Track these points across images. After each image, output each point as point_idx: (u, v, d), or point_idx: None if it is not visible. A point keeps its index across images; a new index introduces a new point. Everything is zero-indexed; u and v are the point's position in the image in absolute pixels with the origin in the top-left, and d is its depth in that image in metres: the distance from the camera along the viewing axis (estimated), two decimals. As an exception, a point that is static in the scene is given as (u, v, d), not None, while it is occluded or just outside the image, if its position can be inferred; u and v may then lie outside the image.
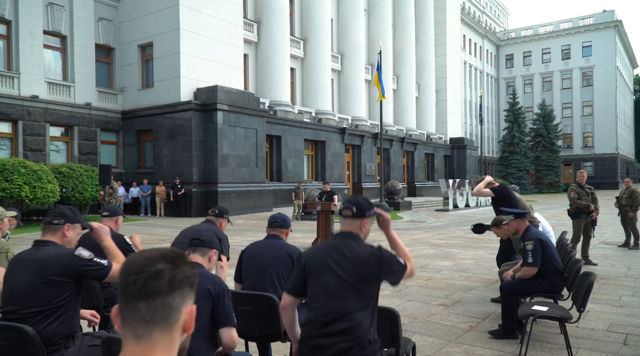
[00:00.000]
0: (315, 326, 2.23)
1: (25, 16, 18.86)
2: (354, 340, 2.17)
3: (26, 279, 2.50)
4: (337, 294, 2.23)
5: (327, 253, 2.32)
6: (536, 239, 4.51)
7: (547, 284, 4.52)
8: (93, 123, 20.88)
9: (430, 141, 38.28)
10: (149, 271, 1.02)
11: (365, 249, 2.31)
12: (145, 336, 1.00)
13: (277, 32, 24.69)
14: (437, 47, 40.89)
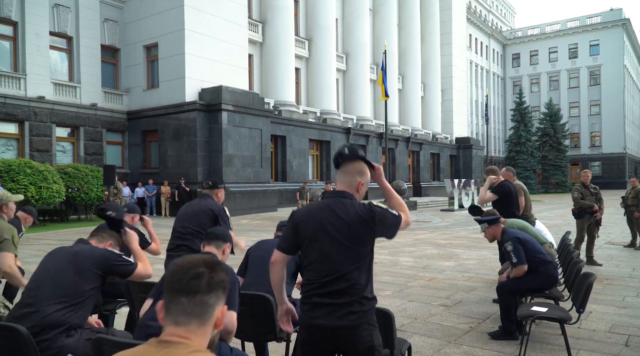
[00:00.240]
0: (313, 287, 2.22)
1: (31, 17, 18.99)
2: (353, 297, 2.18)
3: (60, 264, 2.71)
4: (333, 257, 2.21)
5: (320, 215, 2.27)
6: (513, 238, 4.52)
7: (539, 279, 4.51)
8: (99, 124, 20.99)
9: (436, 141, 38.16)
10: (192, 272, 1.25)
11: (358, 208, 2.27)
12: (183, 323, 1.22)
13: (281, 32, 24.71)
14: (442, 47, 40.75)
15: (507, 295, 4.58)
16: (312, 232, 2.27)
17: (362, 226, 2.23)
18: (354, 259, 2.22)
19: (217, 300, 1.27)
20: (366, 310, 2.20)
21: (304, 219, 2.31)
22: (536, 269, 4.47)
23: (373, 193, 29.11)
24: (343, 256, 2.21)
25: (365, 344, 2.19)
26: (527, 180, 46.70)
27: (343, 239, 2.22)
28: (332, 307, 2.17)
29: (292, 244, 2.35)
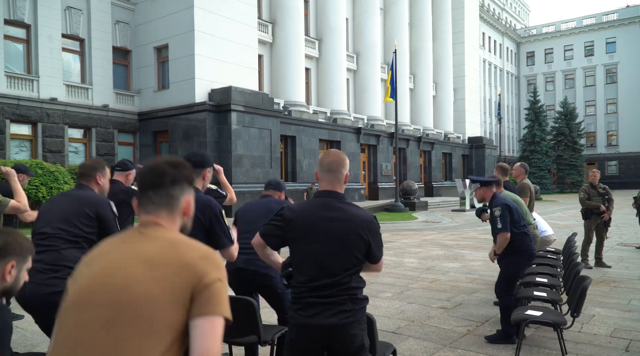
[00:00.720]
0: (305, 289, 2.23)
1: (44, 20, 19.25)
2: (344, 296, 2.19)
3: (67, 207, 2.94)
4: (324, 261, 2.21)
5: (313, 216, 2.26)
6: (503, 204, 4.50)
7: (519, 258, 4.52)
8: (110, 125, 21.21)
9: (448, 141, 37.87)
10: (156, 171, 1.44)
11: (359, 210, 2.32)
12: (153, 211, 1.42)
13: (291, 33, 24.71)
14: (454, 46, 40.43)
15: (504, 293, 4.53)
16: (301, 232, 2.26)
17: (359, 238, 2.23)
18: (347, 265, 2.21)
19: (182, 191, 1.46)
20: (357, 309, 2.22)
21: (295, 220, 2.29)
22: (513, 241, 4.48)
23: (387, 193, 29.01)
24: (335, 260, 2.21)
25: (357, 343, 2.20)
26: (542, 180, 46.14)
27: (338, 245, 2.22)
28: (324, 306, 2.18)
29: (276, 240, 2.35)
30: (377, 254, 2.30)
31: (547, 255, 7.09)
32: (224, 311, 1.26)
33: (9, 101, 18.10)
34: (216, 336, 1.23)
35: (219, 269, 1.31)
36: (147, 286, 1.25)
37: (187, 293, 1.25)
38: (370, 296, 6.25)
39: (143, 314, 1.23)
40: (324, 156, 2.38)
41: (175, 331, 1.24)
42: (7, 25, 18.45)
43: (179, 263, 1.28)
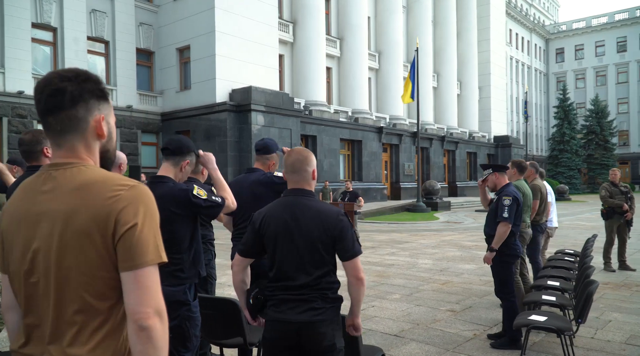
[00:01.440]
0: (277, 287, 2.22)
1: (70, 23, 19.68)
2: (314, 293, 2.16)
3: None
4: (294, 259, 2.19)
5: (281, 216, 2.24)
6: (514, 196, 4.40)
7: (509, 256, 4.44)
8: (134, 125, 21.56)
9: (472, 140, 37.25)
10: (48, 90, 1.19)
11: (326, 206, 2.26)
12: (63, 143, 1.21)
13: (312, 32, 24.67)
14: (480, 43, 39.73)
15: (505, 295, 4.42)
16: (273, 233, 2.24)
17: (324, 234, 2.19)
18: (316, 263, 2.19)
19: (88, 110, 1.22)
20: (328, 307, 2.18)
21: (266, 221, 2.27)
22: (505, 241, 4.41)
23: (409, 193, 28.67)
24: (307, 260, 2.19)
25: (326, 342, 2.16)
26: (572, 180, 44.98)
27: (307, 243, 2.19)
28: (295, 303, 2.17)
29: (253, 247, 2.31)
30: (349, 249, 2.18)
31: (564, 257, 6.86)
32: (150, 260, 1.15)
33: (36, 102, 18.55)
34: (148, 288, 1.14)
35: (136, 209, 1.14)
36: (65, 254, 1.14)
37: (110, 246, 1.14)
38: (378, 298, 6.15)
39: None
40: (287, 156, 2.33)
41: (119, 292, 1.16)
42: (34, 29, 18.94)
43: (91, 214, 1.13)
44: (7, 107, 17.87)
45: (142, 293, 1.13)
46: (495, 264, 4.53)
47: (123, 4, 21.39)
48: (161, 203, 2.57)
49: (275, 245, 2.23)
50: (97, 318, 1.16)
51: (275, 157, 3.70)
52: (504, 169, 4.66)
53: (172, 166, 2.70)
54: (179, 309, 2.55)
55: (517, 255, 4.48)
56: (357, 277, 2.19)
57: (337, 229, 2.18)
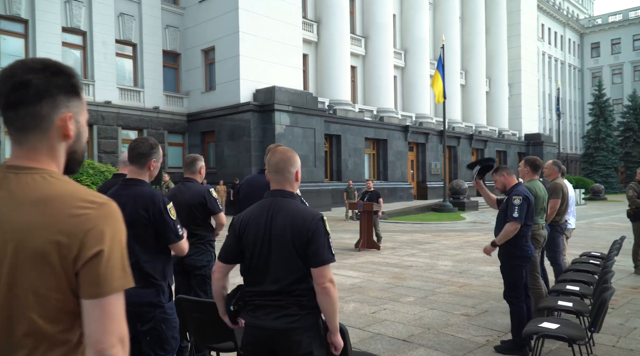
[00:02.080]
0: (254, 293, 2.14)
1: (98, 27, 20.13)
2: (290, 299, 2.08)
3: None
4: (269, 264, 2.10)
5: (262, 217, 2.15)
6: (524, 195, 4.21)
7: (519, 259, 4.27)
8: (161, 126, 21.90)
9: (502, 138, 36.43)
10: (12, 82, 1.06)
11: (305, 209, 2.15)
12: (24, 141, 1.09)
13: (337, 31, 24.56)
14: (510, 39, 38.82)
15: (514, 299, 4.24)
16: (252, 238, 2.16)
17: (297, 237, 2.08)
18: (291, 268, 2.09)
19: (55, 107, 1.08)
20: (305, 314, 2.08)
21: (244, 225, 2.19)
22: (515, 243, 4.25)
23: (436, 192, 28.20)
24: (282, 265, 2.10)
25: (302, 351, 2.07)
26: (608, 178, 43.53)
27: (281, 247, 2.10)
28: (270, 309, 2.09)
29: (233, 252, 2.22)
30: (319, 255, 2.05)
31: (589, 261, 6.56)
32: (117, 287, 1.04)
33: (67, 104, 19.03)
34: (114, 317, 1.02)
35: (104, 232, 1.03)
36: (16, 272, 1.02)
37: (70, 270, 1.02)
38: (391, 301, 6.01)
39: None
40: (270, 156, 2.24)
41: (74, 316, 1.05)
42: (64, 33, 19.44)
43: (51, 234, 1.01)
44: (39, 110, 18.36)
45: (107, 321, 1.02)
46: (504, 266, 4.36)
47: (150, 7, 21.75)
48: (134, 204, 2.55)
49: (253, 249, 2.15)
50: (46, 342, 1.05)
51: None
52: (490, 168, 4.47)
53: (138, 168, 2.68)
54: (153, 311, 2.52)
55: (527, 257, 4.28)
56: (322, 286, 2.04)
57: (310, 231, 2.07)
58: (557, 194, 5.88)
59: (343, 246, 11.32)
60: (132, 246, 2.52)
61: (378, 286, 6.88)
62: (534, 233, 4.95)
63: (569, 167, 51.48)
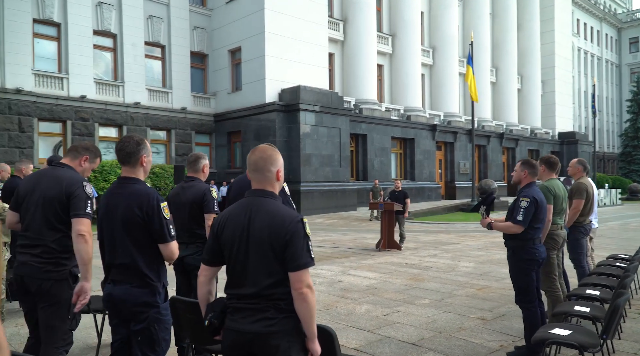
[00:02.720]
0: (232, 294, 2.09)
1: (128, 29, 20.56)
2: (269, 302, 2.01)
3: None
4: (247, 267, 2.04)
5: (238, 219, 2.09)
6: (532, 197, 4.01)
7: (525, 262, 4.09)
8: (188, 126, 22.22)
9: (534, 136, 35.51)
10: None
11: (284, 210, 2.07)
12: None
13: (363, 30, 24.40)
14: (543, 35, 37.77)
15: (524, 303, 4.10)
16: (230, 239, 2.11)
17: (275, 239, 2.01)
18: (269, 271, 2.03)
19: None
20: (283, 318, 2.01)
21: (222, 225, 2.15)
22: (521, 246, 4.08)
23: (465, 192, 27.69)
24: (259, 268, 2.04)
25: (281, 355, 2.00)
26: (647, 178, 41.86)
27: (258, 249, 2.04)
28: (248, 312, 2.03)
29: (214, 254, 2.17)
30: (297, 258, 1.98)
31: (615, 263, 6.29)
32: None
33: (98, 105, 19.56)
34: None
35: None
36: None
37: None
38: (405, 303, 5.90)
39: None
40: (249, 154, 2.19)
41: None
42: (96, 36, 19.94)
43: None
44: (71, 111, 18.91)
45: None
46: (512, 270, 4.21)
47: (178, 9, 22.09)
48: (128, 202, 2.54)
49: (230, 250, 2.10)
50: None
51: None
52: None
53: (131, 167, 2.64)
54: (147, 311, 2.50)
55: (535, 260, 4.09)
56: (299, 291, 1.96)
57: (289, 234, 2.00)
58: (581, 194, 5.65)
59: (364, 246, 11.22)
60: (126, 245, 2.53)
61: (394, 288, 6.77)
62: (552, 233, 4.77)
63: (606, 166, 49.78)
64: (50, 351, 2.77)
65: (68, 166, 3.02)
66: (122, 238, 2.53)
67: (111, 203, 2.58)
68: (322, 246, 11.27)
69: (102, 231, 2.60)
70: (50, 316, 2.79)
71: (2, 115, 17.26)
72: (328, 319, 5.22)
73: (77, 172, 3.02)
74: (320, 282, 7.14)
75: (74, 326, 2.91)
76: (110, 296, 2.53)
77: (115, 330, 2.60)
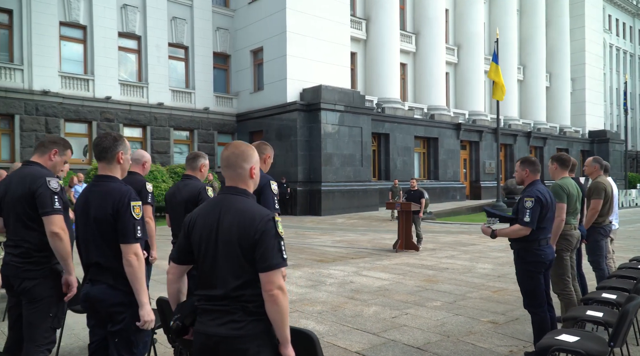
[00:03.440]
0: (201, 296, 2.02)
1: (152, 31, 20.87)
2: (236, 304, 1.93)
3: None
4: (215, 267, 1.96)
5: (208, 217, 2.02)
6: (536, 196, 3.82)
7: (531, 265, 3.90)
8: (211, 126, 22.41)
9: (563, 135, 34.59)
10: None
11: (255, 208, 1.99)
12: None
13: (386, 28, 24.18)
14: (573, 31, 36.75)
15: (532, 308, 3.92)
16: (199, 238, 2.03)
17: (244, 238, 1.93)
18: (237, 272, 1.94)
19: None
20: (252, 321, 1.92)
21: (192, 223, 2.08)
22: (527, 248, 3.90)
23: (490, 192, 27.14)
24: (228, 268, 1.95)
25: None
26: (683, 178, 40.26)
27: (227, 249, 1.95)
28: (215, 314, 1.95)
29: (183, 252, 2.10)
30: (267, 258, 1.89)
31: (638, 266, 6.00)
32: None
33: (122, 106, 19.91)
34: None
35: None
36: None
37: None
38: (415, 305, 5.77)
39: None
40: (223, 150, 2.12)
41: None
42: (120, 38, 20.29)
43: None
44: (96, 112, 19.30)
45: None
46: (518, 273, 4.03)
47: (201, 10, 22.31)
48: (101, 200, 2.51)
49: (199, 249, 2.02)
50: None
51: (269, 149, 3.54)
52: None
53: (106, 164, 2.59)
54: (124, 312, 2.45)
55: (541, 262, 3.90)
56: (269, 293, 1.86)
57: (259, 232, 1.91)
58: (599, 193, 5.42)
59: (381, 246, 11.07)
60: (100, 244, 2.48)
61: (406, 289, 6.63)
62: (565, 233, 4.58)
63: (639, 166, 48.13)
64: (32, 349, 2.77)
65: (36, 164, 2.97)
66: (96, 237, 2.49)
67: (86, 201, 2.55)
68: (339, 246, 11.17)
69: (78, 230, 2.57)
70: (32, 313, 2.79)
71: (29, 116, 17.73)
72: (334, 321, 5.13)
73: (45, 167, 2.96)
74: (331, 283, 7.05)
75: (56, 325, 2.90)
76: (87, 296, 2.49)
77: (93, 331, 2.57)
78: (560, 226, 4.45)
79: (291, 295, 6.24)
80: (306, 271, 8.04)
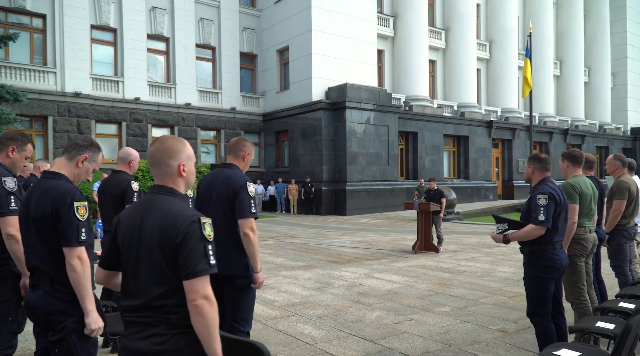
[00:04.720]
0: (125, 307, 1.85)
1: (180, 32, 21.12)
2: (158, 317, 1.75)
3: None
4: (135, 274, 1.80)
5: (134, 218, 1.85)
6: (550, 193, 3.51)
7: (540, 269, 3.56)
8: (237, 126, 22.52)
9: (603, 132, 33.17)
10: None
11: (180, 208, 1.80)
12: None
13: (414, 25, 23.72)
14: (613, 24, 35.19)
15: (536, 316, 3.64)
16: (121, 241, 1.87)
17: (165, 242, 1.75)
18: (158, 280, 1.76)
19: None
20: (175, 334, 1.74)
21: (117, 226, 1.91)
22: (539, 250, 3.57)
23: (523, 192, 26.27)
24: (149, 275, 1.78)
25: None
26: None
27: (148, 253, 1.78)
28: (138, 327, 1.78)
29: (109, 257, 1.94)
30: (190, 264, 1.71)
31: (667, 272, 5.56)
32: None
33: (151, 107, 20.22)
34: None
35: None
36: None
37: None
38: (422, 310, 5.51)
39: None
40: (149, 146, 1.95)
41: None
42: (149, 40, 20.62)
43: None
44: (126, 113, 19.66)
45: None
46: (527, 277, 3.69)
47: (228, 10, 22.44)
48: (42, 198, 2.37)
49: (123, 254, 1.86)
50: None
51: (250, 146, 3.34)
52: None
53: (66, 160, 2.46)
54: (64, 320, 2.29)
55: (555, 267, 3.56)
56: (193, 303, 1.69)
57: (181, 235, 1.72)
58: (622, 193, 5.02)
59: (401, 247, 10.78)
60: (37, 245, 2.33)
61: (416, 293, 6.36)
62: (578, 237, 4.23)
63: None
64: None
65: None
66: (34, 237, 2.35)
67: (28, 199, 2.41)
68: (357, 247, 10.95)
69: (21, 230, 2.45)
70: None
71: (62, 117, 18.21)
72: (332, 326, 4.93)
73: (3, 165, 2.86)
74: (339, 285, 6.85)
75: (16, 329, 2.82)
76: (27, 303, 2.36)
77: (38, 339, 2.46)
78: (573, 229, 4.11)
79: (295, 298, 6.08)
80: (317, 272, 7.86)
